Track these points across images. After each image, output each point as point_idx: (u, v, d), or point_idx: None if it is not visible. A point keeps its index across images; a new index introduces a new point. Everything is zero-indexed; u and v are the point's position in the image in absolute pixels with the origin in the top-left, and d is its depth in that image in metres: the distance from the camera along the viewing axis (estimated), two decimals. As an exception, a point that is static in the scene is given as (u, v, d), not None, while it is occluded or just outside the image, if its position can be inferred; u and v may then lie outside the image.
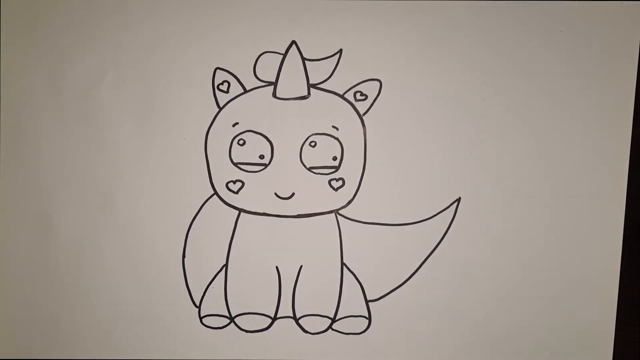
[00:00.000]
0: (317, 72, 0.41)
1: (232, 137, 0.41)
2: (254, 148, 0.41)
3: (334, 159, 0.41)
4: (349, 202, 0.41)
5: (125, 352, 0.42)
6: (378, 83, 0.41)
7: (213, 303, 0.42)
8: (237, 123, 0.41)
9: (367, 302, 0.42)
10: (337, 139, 0.41)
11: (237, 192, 0.41)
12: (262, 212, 0.42)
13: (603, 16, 0.40)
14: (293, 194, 0.41)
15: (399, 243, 0.41)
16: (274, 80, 0.41)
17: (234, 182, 0.41)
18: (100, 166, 0.42)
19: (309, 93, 0.41)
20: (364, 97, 0.41)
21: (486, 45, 0.41)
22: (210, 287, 0.42)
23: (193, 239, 0.42)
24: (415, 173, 0.41)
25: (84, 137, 0.42)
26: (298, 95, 0.41)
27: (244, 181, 0.41)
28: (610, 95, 0.40)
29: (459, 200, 0.41)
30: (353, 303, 0.42)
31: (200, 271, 0.42)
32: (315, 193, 0.41)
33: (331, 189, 0.41)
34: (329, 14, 0.41)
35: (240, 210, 0.42)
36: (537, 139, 0.41)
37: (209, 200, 0.41)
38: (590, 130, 0.41)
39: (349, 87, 0.41)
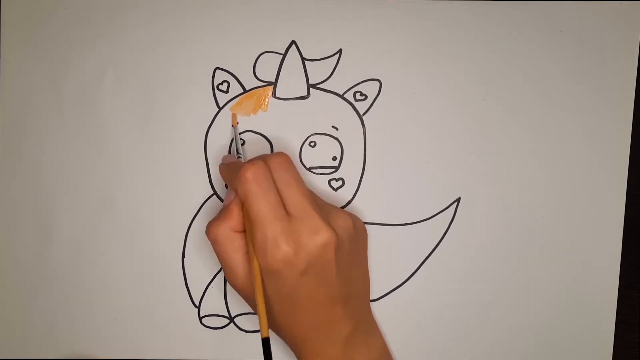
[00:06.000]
0: (317, 72, 0.41)
1: (231, 138, 0.41)
2: (254, 148, 0.41)
3: (334, 159, 0.41)
4: (349, 203, 0.41)
5: (125, 352, 0.42)
6: (378, 83, 0.41)
7: (213, 303, 0.42)
8: (237, 123, 0.41)
9: (366, 302, 0.42)
10: (336, 139, 0.41)
11: (236, 192, 0.41)
12: (261, 212, 0.41)
13: (603, 16, 0.40)
14: (293, 194, 0.41)
15: (399, 243, 0.41)
16: (273, 80, 0.41)
17: (234, 182, 0.41)
18: (100, 166, 0.42)
19: (308, 93, 0.41)
20: (363, 97, 0.41)
21: (486, 46, 0.41)
22: (210, 287, 0.42)
23: (193, 239, 0.42)
24: (415, 173, 0.41)
25: (84, 136, 0.42)
26: (298, 95, 0.41)
27: (244, 181, 0.41)
28: (610, 95, 0.40)
29: (458, 200, 0.41)
30: (353, 303, 0.42)
31: (200, 271, 0.42)
32: (315, 193, 0.41)
33: (331, 189, 0.41)
34: (329, 14, 0.41)
35: (240, 211, 0.42)
36: (537, 139, 0.41)
37: (209, 201, 0.41)
38: (590, 130, 0.41)
39: (349, 87, 0.41)
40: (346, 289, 0.35)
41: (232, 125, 0.41)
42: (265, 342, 0.32)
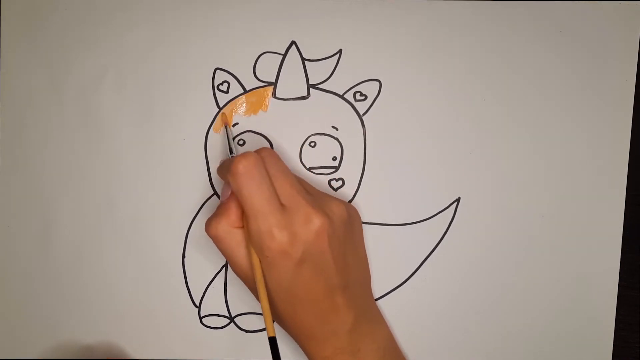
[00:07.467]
0: (317, 73, 0.41)
1: (231, 138, 0.41)
2: (254, 148, 0.41)
3: (334, 159, 0.41)
4: (349, 203, 0.41)
5: (125, 352, 0.42)
6: (378, 83, 0.41)
7: (213, 303, 0.42)
8: (237, 123, 0.41)
9: (366, 302, 0.42)
10: (336, 139, 0.41)
11: (237, 192, 0.41)
12: (261, 212, 0.41)
13: (602, 16, 0.40)
14: (293, 194, 0.41)
15: (398, 243, 0.41)
16: (273, 80, 0.41)
17: (234, 182, 0.41)
18: (100, 166, 0.42)
19: (308, 93, 0.41)
20: (363, 98, 0.41)
21: (486, 46, 0.41)
22: (210, 287, 0.42)
23: (193, 239, 0.42)
24: (415, 173, 0.41)
25: (84, 136, 0.42)
26: (298, 96, 0.41)
27: (244, 181, 0.41)
28: (610, 95, 0.40)
29: (458, 200, 0.41)
30: (353, 303, 0.42)
31: (200, 271, 0.42)
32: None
33: (331, 189, 0.41)
34: (329, 14, 0.41)
35: (240, 211, 0.42)
36: (536, 139, 0.41)
37: (209, 201, 0.41)
38: (590, 130, 0.41)
39: (349, 87, 0.41)
40: (344, 278, 0.35)
41: (225, 126, 0.40)
42: (272, 342, 0.32)
